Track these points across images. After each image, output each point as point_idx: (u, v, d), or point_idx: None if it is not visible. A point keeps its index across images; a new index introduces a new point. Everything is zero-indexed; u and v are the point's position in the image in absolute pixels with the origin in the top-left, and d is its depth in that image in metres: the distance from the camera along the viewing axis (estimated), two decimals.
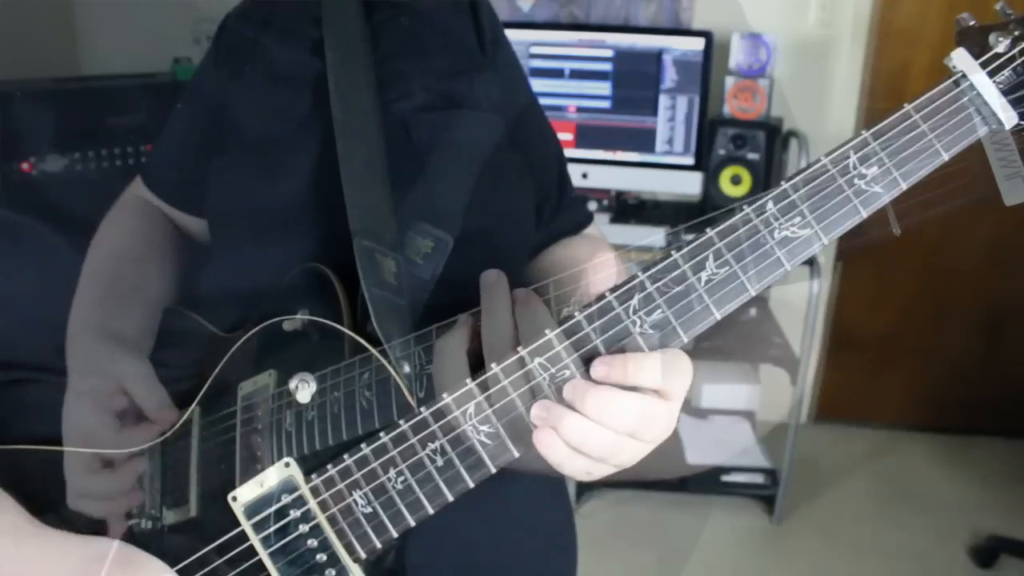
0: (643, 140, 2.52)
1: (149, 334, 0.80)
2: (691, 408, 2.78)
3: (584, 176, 2.54)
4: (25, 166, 0.83)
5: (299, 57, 0.78)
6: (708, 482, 2.53)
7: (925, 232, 2.82)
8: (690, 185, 2.53)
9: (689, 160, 2.50)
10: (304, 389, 0.64)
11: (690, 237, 0.56)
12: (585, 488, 2.55)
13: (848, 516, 2.58)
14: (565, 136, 2.54)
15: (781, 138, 2.51)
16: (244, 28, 0.80)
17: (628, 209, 2.64)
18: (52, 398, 0.75)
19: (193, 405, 0.72)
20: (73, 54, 0.89)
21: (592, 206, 2.55)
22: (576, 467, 0.56)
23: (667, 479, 2.52)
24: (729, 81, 2.47)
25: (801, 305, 2.33)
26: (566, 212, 0.89)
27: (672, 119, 2.49)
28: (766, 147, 2.41)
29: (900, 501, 2.63)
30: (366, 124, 0.74)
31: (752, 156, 2.42)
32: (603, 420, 0.54)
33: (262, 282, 0.73)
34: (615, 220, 2.54)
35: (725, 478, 2.54)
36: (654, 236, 2.43)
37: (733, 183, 2.45)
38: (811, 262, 2.30)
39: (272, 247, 0.75)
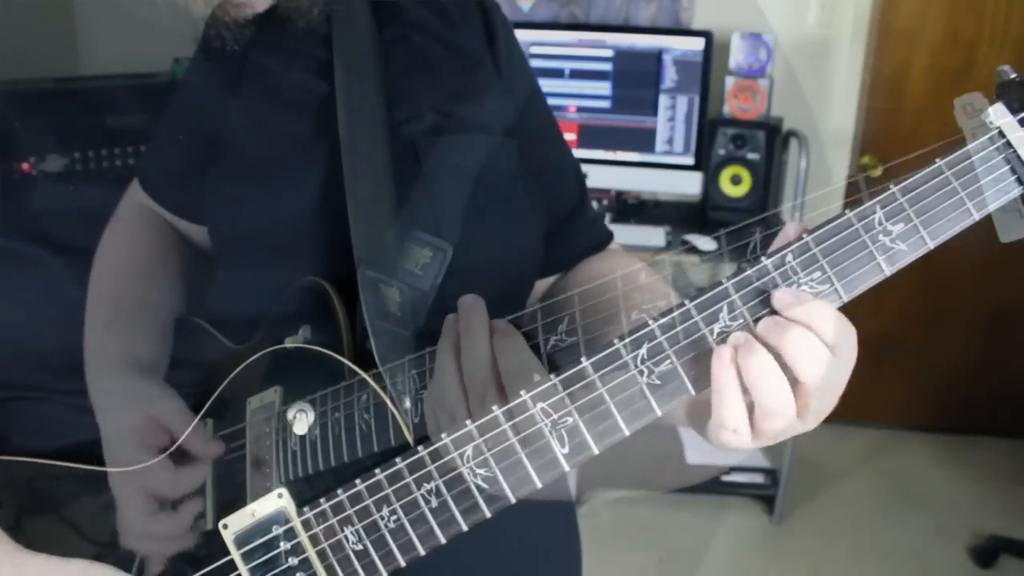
0: (643, 140, 2.52)
1: (165, 355, 0.78)
2: None
3: (584, 176, 2.53)
4: (25, 166, 0.83)
5: (307, 80, 0.75)
6: (708, 482, 2.53)
7: None
8: (690, 185, 2.53)
9: (689, 160, 2.50)
10: (302, 420, 0.64)
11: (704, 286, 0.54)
12: (585, 488, 2.55)
13: (848, 516, 2.58)
14: (568, 136, 2.53)
15: (781, 138, 2.51)
16: (247, 45, 0.76)
17: (628, 209, 2.63)
18: (46, 414, 0.75)
19: (196, 419, 0.71)
20: (73, 54, 0.89)
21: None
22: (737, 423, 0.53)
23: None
24: (729, 81, 2.47)
25: None
26: (589, 228, 0.87)
27: (672, 119, 2.49)
28: (766, 147, 2.41)
29: (900, 501, 2.63)
30: (374, 147, 0.71)
31: (752, 156, 2.42)
32: (795, 361, 0.51)
33: (263, 302, 0.72)
34: (615, 220, 2.54)
35: (725, 478, 2.54)
36: (654, 236, 2.43)
37: (733, 183, 2.45)
38: None
39: (275, 270, 0.73)
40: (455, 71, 0.77)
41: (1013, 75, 0.55)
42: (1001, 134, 0.54)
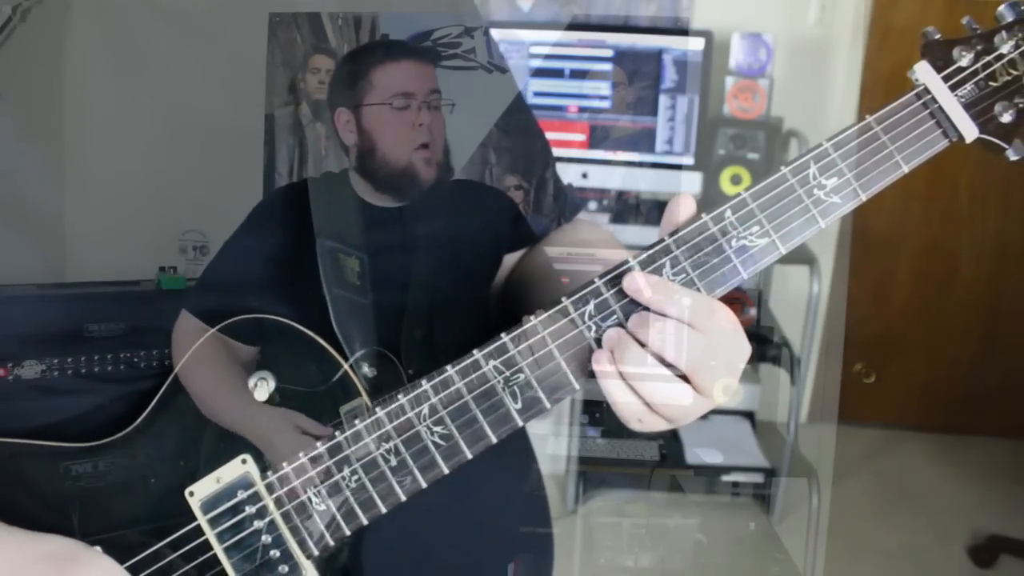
0: (643, 140, 2.52)
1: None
2: None
3: (584, 176, 2.54)
4: (1, 371, 0.84)
5: None
6: (708, 482, 2.53)
7: (925, 231, 2.82)
8: (690, 185, 2.53)
9: (689, 160, 2.50)
10: (262, 387, 0.66)
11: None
12: (585, 488, 2.55)
13: (848, 516, 2.58)
14: (577, 137, 2.55)
15: (781, 138, 2.51)
16: None
17: (628, 209, 2.63)
18: None
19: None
20: (60, 260, 0.89)
21: (592, 206, 2.56)
22: (630, 409, 0.55)
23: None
24: (729, 81, 2.47)
25: (801, 305, 2.33)
26: (555, 201, 0.88)
27: (672, 119, 2.49)
28: (766, 147, 2.41)
29: (900, 501, 2.63)
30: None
31: (752, 156, 2.43)
32: (660, 349, 0.53)
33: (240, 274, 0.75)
34: (615, 220, 2.54)
35: (725, 478, 2.54)
36: (654, 236, 2.43)
37: (733, 183, 2.45)
38: (811, 263, 2.30)
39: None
40: None
41: (937, 35, 0.60)
42: (927, 90, 0.58)
